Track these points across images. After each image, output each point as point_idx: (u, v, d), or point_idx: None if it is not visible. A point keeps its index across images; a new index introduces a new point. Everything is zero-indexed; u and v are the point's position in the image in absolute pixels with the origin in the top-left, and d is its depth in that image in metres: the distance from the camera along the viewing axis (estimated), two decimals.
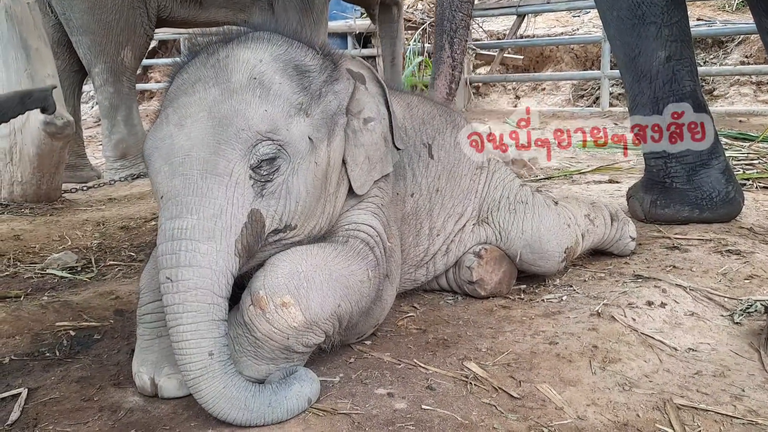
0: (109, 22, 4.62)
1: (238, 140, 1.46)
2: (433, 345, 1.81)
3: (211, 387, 1.35)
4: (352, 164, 1.73)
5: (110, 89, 4.78)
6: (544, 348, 1.76)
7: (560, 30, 9.17)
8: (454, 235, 2.14)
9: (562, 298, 2.12)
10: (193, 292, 1.37)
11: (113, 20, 4.62)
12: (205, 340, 1.36)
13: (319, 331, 1.52)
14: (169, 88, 1.66)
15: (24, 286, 2.43)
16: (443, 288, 2.25)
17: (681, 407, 1.47)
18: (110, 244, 3.08)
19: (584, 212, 2.34)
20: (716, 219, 2.87)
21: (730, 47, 8.17)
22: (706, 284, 2.17)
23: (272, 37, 1.68)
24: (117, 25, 4.65)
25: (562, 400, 1.49)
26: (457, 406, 1.47)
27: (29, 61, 3.78)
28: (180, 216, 1.41)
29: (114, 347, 1.87)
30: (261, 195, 1.49)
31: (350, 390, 1.55)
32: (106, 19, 4.61)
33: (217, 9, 5.10)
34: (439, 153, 2.11)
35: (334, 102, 1.67)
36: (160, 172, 1.48)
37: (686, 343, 1.79)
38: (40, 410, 1.52)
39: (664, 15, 2.85)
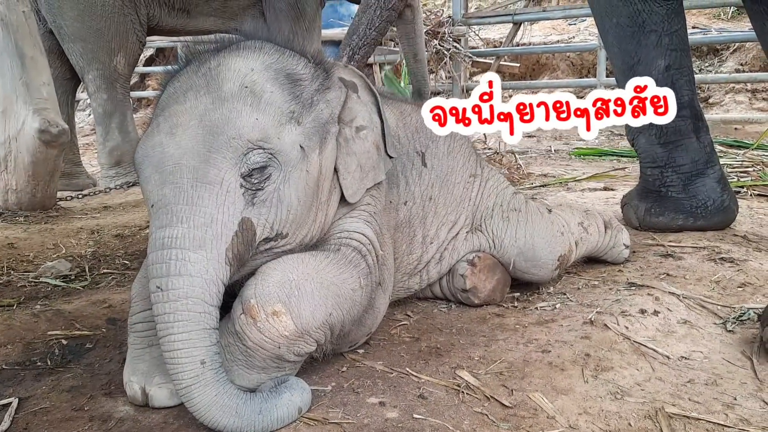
0: (100, 29, 4.62)
1: (228, 149, 1.46)
2: (425, 353, 1.81)
3: (203, 395, 1.35)
4: (344, 172, 1.73)
5: (104, 96, 4.78)
6: (536, 356, 1.75)
7: (556, 38, 9.21)
8: (447, 243, 2.14)
9: (555, 306, 2.12)
10: (184, 301, 1.37)
11: (104, 27, 4.63)
12: (196, 349, 1.36)
13: (311, 340, 1.52)
14: (160, 96, 1.66)
15: (17, 294, 2.42)
16: (437, 296, 2.25)
17: (673, 416, 1.46)
18: (104, 252, 3.07)
19: (578, 220, 2.35)
20: (711, 227, 2.87)
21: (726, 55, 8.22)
22: (700, 292, 2.17)
23: (264, 46, 1.68)
24: (108, 32, 4.65)
25: (553, 409, 1.49)
26: (448, 415, 1.47)
27: (24, 69, 3.79)
28: (170, 225, 1.41)
29: (106, 356, 1.86)
30: (252, 203, 1.49)
31: (342, 399, 1.54)
32: (97, 26, 4.61)
33: (206, 17, 5.08)
34: (433, 161, 2.11)
35: (325, 110, 1.68)
36: (151, 181, 1.47)
37: (679, 351, 1.79)
38: (30, 420, 1.51)
39: (664, 23, 2.86)
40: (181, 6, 4.94)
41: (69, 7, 4.55)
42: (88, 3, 4.56)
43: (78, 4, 4.55)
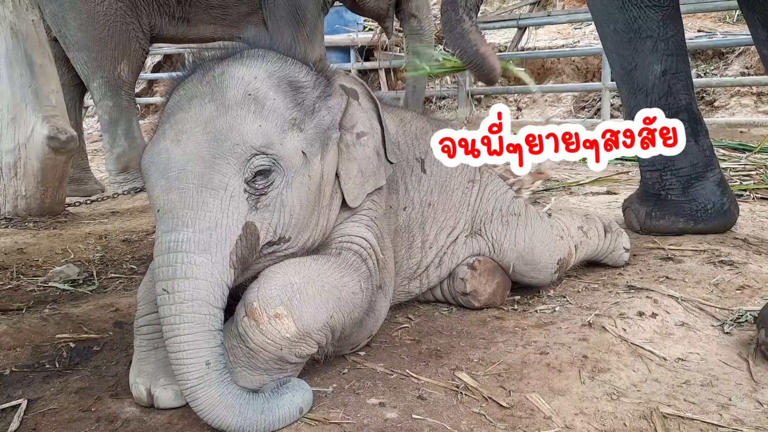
0: (103, 38, 4.68)
1: (232, 155, 1.49)
2: (426, 355, 1.84)
3: (207, 395, 1.38)
4: (345, 178, 1.77)
5: (109, 103, 4.84)
6: (534, 358, 1.78)
7: (561, 42, 9.21)
8: (446, 248, 2.17)
9: (554, 308, 2.15)
10: (190, 303, 1.40)
11: (107, 36, 4.69)
12: (201, 350, 1.39)
13: (312, 342, 1.55)
14: (166, 104, 1.70)
15: (26, 298, 2.47)
16: (438, 299, 2.28)
17: (667, 416, 1.49)
18: (112, 257, 3.12)
19: (577, 224, 2.37)
20: (711, 230, 2.89)
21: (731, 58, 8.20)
22: (698, 295, 2.20)
23: (267, 54, 1.72)
24: (111, 41, 4.71)
25: (550, 410, 1.51)
26: (446, 416, 1.50)
27: (34, 77, 3.84)
28: (176, 229, 1.44)
29: (113, 359, 1.90)
30: (255, 208, 1.53)
31: (343, 400, 1.57)
32: (100, 35, 4.67)
33: (206, 25, 5.12)
34: (432, 168, 2.14)
35: (327, 117, 1.71)
36: (157, 187, 1.51)
37: (676, 352, 1.82)
38: (39, 421, 1.55)
39: (660, 29, 2.88)
40: (182, 15, 4.99)
41: (72, 17, 4.61)
42: (90, 13, 4.62)
43: (81, 15, 4.62)
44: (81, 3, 4.60)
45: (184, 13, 4.97)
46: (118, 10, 4.68)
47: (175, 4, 4.90)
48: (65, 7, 4.60)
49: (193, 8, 4.99)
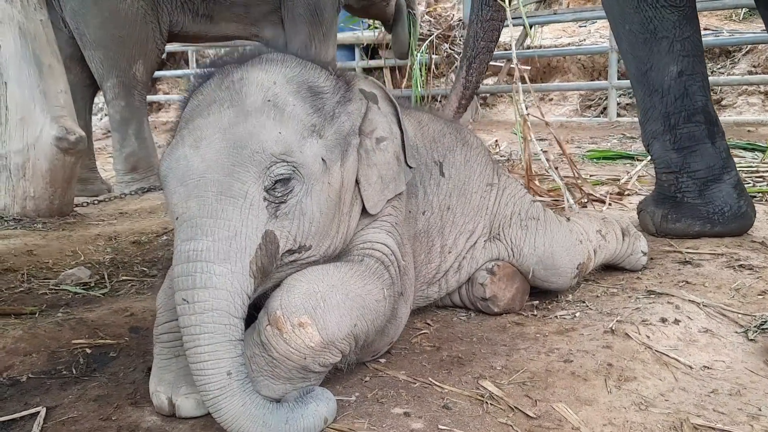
0: (122, 36, 4.67)
1: (252, 162, 1.47)
2: (447, 363, 1.81)
3: (230, 405, 1.36)
4: (366, 184, 1.74)
5: (121, 103, 4.83)
6: (558, 366, 1.76)
7: (567, 40, 9.17)
8: (465, 252, 2.15)
9: (575, 314, 2.12)
10: (210, 313, 1.38)
11: (126, 35, 4.68)
12: (223, 360, 1.37)
13: (336, 351, 1.53)
14: (184, 109, 1.68)
15: (38, 302, 2.45)
16: (456, 304, 2.26)
17: (698, 427, 1.46)
18: (122, 258, 3.10)
19: (596, 228, 2.35)
20: (728, 233, 2.87)
21: (738, 57, 8.16)
22: (720, 300, 2.17)
23: (286, 59, 1.70)
24: (130, 40, 4.71)
25: (578, 420, 1.49)
26: (473, 426, 1.47)
27: (42, 77, 3.82)
28: (195, 238, 1.42)
29: (130, 365, 1.88)
30: (275, 216, 1.50)
31: (367, 409, 1.55)
32: (119, 33, 4.66)
33: (228, 23, 5.15)
34: (450, 171, 2.12)
35: (347, 123, 1.69)
36: (176, 194, 1.49)
37: (701, 360, 1.79)
38: (59, 429, 1.53)
39: (675, 30, 2.86)
40: (205, 12, 5.00)
41: (93, 15, 4.60)
42: (112, 11, 4.61)
43: (102, 12, 4.60)
44: (103, 0, 4.58)
45: (208, 11, 4.99)
46: (139, 9, 4.67)
47: (200, 2, 4.90)
48: (87, 4, 4.58)
49: (217, 6, 5.01)
